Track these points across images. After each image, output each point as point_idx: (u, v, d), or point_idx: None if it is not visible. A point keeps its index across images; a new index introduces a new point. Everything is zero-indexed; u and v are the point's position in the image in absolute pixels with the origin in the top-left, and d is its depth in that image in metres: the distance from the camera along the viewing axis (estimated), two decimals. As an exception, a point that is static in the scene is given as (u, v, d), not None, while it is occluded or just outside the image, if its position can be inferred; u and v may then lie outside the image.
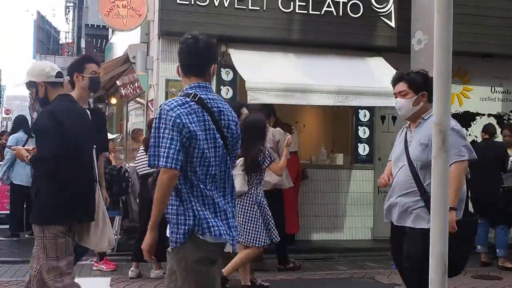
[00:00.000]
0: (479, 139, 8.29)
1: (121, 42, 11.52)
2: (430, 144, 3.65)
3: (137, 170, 6.77)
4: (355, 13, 8.51)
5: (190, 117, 2.89)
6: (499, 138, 8.15)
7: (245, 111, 6.01)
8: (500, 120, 9.61)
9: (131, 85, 11.12)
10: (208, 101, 2.99)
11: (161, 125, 2.86)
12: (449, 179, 2.00)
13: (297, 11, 8.34)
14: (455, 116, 9.42)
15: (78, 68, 4.58)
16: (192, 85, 3.02)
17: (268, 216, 5.61)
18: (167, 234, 3.01)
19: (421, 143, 3.76)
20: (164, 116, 2.86)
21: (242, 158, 5.55)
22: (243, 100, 7.67)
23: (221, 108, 3.03)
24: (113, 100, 14.40)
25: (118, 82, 12.32)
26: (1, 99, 40.48)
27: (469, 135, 9.58)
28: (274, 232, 5.63)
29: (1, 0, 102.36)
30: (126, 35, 10.16)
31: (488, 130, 7.82)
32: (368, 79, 8.02)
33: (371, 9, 8.59)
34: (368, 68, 8.38)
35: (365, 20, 8.58)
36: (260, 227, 5.53)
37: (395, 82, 3.97)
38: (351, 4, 8.49)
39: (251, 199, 5.56)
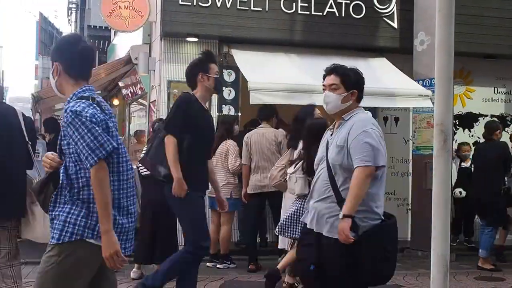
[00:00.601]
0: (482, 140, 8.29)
1: (123, 43, 11.52)
2: (346, 146, 3.47)
3: (140, 171, 6.77)
4: (357, 14, 8.50)
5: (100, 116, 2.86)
6: (503, 136, 8.14)
7: (317, 111, 5.99)
8: (503, 121, 9.57)
9: (134, 86, 11.12)
10: (102, 104, 2.95)
11: (79, 124, 2.75)
12: (449, 178, 1.99)
13: (299, 12, 8.33)
14: (458, 117, 9.41)
15: (203, 68, 4.53)
16: (85, 88, 2.94)
17: None
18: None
19: (337, 145, 3.54)
20: (77, 117, 2.76)
21: (302, 161, 5.49)
22: (245, 101, 7.67)
23: (111, 110, 3.03)
24: (115, 102, 14.40)
25: (120, 83, 12.33)
26: (4, 101, 40.48)
27: (472, 136, 9.56)
28: None
29: (2, 1, 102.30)
30: (128, 36, 10.16)
31: (485, 129, 7.85)
32: (370, 80, 7.87)
33: (373, 10, 8.57)
34: (371, 69, 8.36)
35: (368, 21, 8.57)
36: None
37: (326, 74, 3.74)
38: (353, 5, 8.48)
39: None
